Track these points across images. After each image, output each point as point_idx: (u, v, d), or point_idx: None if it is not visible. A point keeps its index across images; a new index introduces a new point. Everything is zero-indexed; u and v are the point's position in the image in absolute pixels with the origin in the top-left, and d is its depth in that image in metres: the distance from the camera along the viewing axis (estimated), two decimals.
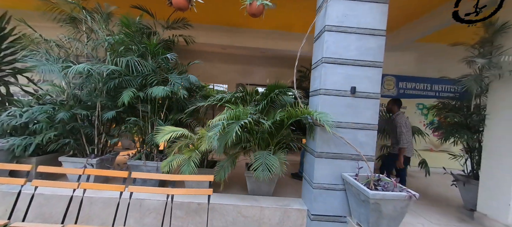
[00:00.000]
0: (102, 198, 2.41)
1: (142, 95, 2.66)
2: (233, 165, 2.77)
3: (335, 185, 2.39)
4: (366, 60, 2.36)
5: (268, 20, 4.52)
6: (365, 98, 2.36)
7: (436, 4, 3.61)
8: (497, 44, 2.64)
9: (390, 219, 1.95)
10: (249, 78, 7.75)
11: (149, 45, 2.68)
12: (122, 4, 3.47)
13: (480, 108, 3.02)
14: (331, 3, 2.33)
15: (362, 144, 2.37)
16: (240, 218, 2.50)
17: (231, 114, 2.30)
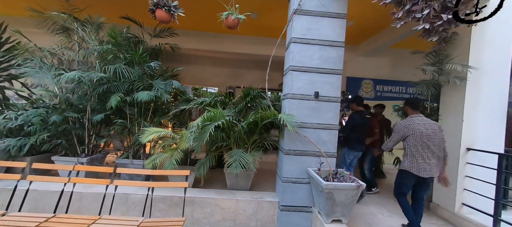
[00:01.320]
0: (91, 193, 2.67)
1: (129, 99, 2.92)
2: (213, 162, 3.05)
3: (301, 179, 2.69)
4: (328, 68, 2.67)
5: (252, 27, 4.84)
6: (327, 102, 2.67)
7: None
8: (446, 53, 2.99)
9: (343, 206, 2.25)
10: (239, 81, 8.02)
11: (135, 55, 2.95)
12: (112, 14, 3.74)
13: (436, 109, 3.36)
14: (296, 17, 2.64)
15: (325, 142, 2.68)
16: (218, 209, 2.78)
17: (207, 116, 2.58)
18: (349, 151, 3.26)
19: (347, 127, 3.28)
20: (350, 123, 3.25)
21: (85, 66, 3.07)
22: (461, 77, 2.77)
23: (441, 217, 2.98)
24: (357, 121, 3.20)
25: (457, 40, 2.90)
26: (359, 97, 3.47)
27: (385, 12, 3.46)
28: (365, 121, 3.27)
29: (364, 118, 3.25)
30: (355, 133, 3.21)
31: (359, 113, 3.28)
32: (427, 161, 2.30)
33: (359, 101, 3.40)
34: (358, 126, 3.20)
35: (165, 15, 2.74)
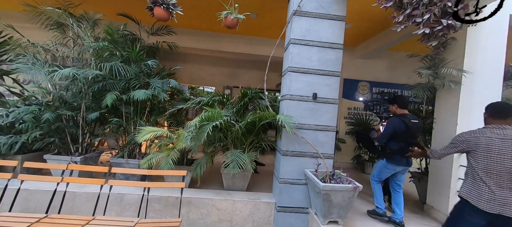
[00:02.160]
0: (85, 192, 2.61)
1: (125, 98, 2.87)
2: (210, 162, 3.03)
3: (298, 180, 2.69)
4: (326, 70, 2.68)
5: (251, 27, 4.82)
6: (325, 103, 2.68)
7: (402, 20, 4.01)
8: (442, 57, 3.04)
9: (340, 207, 2.26)
10: (236, 81, 7.99)
11: (132, 52, 2.90)
12: (108, 11, 3.67)
13: (432, 112, 3.41)
14: (296, 19, 2.64)
15: (322, 143, 2.69)
16: (214, 210, 2.76)
17: (205, 116, 2.56)
18: (388, 164, 2.63)
19: (384, 135, 2.63)
20: (389, 130, 2.60)
21: (80, 63, 3.00)
22: (456, 81, 2.82)
23: (434, 219, 3.03)
24: (398, 127, 2.55)
25: (452, 44, 2.95)
26: (401, 98, 2.75)
27: (384, 15, 3.49)
28: (412, 127, 2.52)
29: (410, 123, 2.53)
30: (397, 142, 2.57)
31: (403, 117, 2.57)
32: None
33: (401, 102, 2.70)
34: (401, 133, 2.53)
35: (163, 13, 2.71)
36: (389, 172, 2.70)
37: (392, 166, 2.63)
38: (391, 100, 2.81)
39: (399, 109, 2.70)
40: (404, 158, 2.58)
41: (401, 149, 2.56)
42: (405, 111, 2.68)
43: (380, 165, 2.76)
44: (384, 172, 2.73)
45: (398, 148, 2.58)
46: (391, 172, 2.69)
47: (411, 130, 2.52)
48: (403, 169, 2.65)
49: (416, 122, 2.59)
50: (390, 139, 2.61)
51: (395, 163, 2.60)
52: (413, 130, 2.54)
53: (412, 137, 2.59)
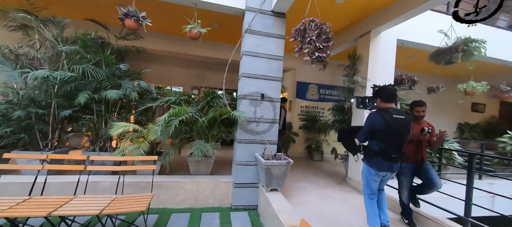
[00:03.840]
0: (62, 182, 2.90)
1: (97, 97, 3.21)
2: (177, 152, 3.57)
3: (250, 162, 3.43)
4: (271, 76, 3.47)
5: (215, 34, 5.41)
6: (270, 102, 3.48)
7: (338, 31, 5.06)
8: (356, 68, 4.14)
9: (278, 178, 3.06)
10: (204, 82, 8.45)
11: (104, 57, 3.26)
12: (74, 13, 3.88)
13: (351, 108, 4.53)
14: (247, 35, 3.38)
15: (269, 133, 3.48)
16: (181, 191, 3.31)
17: (173, 112, 3.11)
18: (369, 168, 2.25)
19: (362, 132, 2.27)
20: (365, 126, 2.23)
21: (51, 65, 3.21)
22: (362, 85, 3.92)
23: (351, 186, 4.11)
24: (375, 123, 2.14)
25: (361, 59, 4.07)
26: (385, 90, 2.27)
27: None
28: (393, 124, 2.08)
29: (391, 118, 2.09)
30: (377, 141, 2.17)
31: (383, 112, 2.15)
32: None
33: (384, 95, 2.24)
34: (380, 131, 2.12)
35: (133, 24, 3.15)
36: (374, 178, 2.24)
37: (373, 170, 2.20)
38: (374, 93, 2.36)
39: (383, 103, 2.26)
40: (386, 161, 2.12)
41: (382, 151, 2.12)
42: (389, 105, 2.22)
43: (363, 170, 2.37)
44: (369, 179, 2.27)
45: (377, 148, 2.15)
46: (375, 177, 2.23)
47: (392, 127, 2.06)
48: (386, 174, 2.22)
49: (400, 118, 2.10)
50: (370, 138, 2.24)
51: (376, 167, 2.17)
52: (395, 128, 2.07)
53: (396, 136, 2.10)
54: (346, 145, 2.68)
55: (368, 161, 2.28)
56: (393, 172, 2.22)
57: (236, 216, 3.17)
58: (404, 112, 2.19)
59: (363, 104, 2.57)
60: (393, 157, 2.12)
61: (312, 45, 1.97)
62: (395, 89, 2.30)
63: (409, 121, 2.16)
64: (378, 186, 2.33)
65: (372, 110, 2.35)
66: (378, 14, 3.78)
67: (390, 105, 2.22)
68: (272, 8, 3.39)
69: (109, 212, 2.09)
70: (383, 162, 2.15)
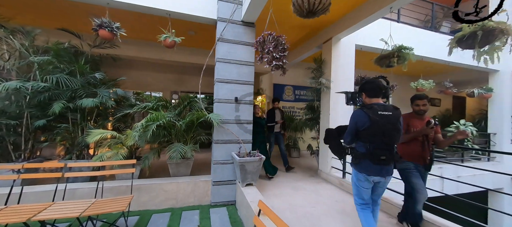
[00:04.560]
0: (39, 192, 2.92)
1: (72, 105, 3.27)
2: (156, 156, 3.72)
3: (227, 161, 3.69)
4: (243, 80, 3.77)
5: (192, 41, 5.60)
6: (243, 104, 3.77)
7: (306, 37, 5.51)
8: (321, 70, 4.60)
9: (252, 173, 3.36)
10: (183, 86, 8.52)
11: (78, 67, 3.32)
12: (48, 23, 3.86)
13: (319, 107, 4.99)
14: (219, 43, 3.65)
15: (243, 133, 3.77)
16: (162, 192, 3.47)
17: (150, 117, 3.27)
18: (358, 174, 1.99)
19: (347, 132, 2.03)
20: (350, 125, 2.00)
21: (21, 75, 3.20)
22: (327, 86, 4.37)
23: (322, 178, 4.54)
24: (359, 121, 1.92)
25: (325, 62, 4.53)
26: (370, 83, 2.02)
27: (290, 39, 4.91)
28: (379, 122, 1.85)
29: (376, 115, 1.86)
30: (363, 142, 1.95)
31: (368, 109, 1.90)
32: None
33: (370, 89, 2.00)
34: (365, 130, 1.89)
35: (108, 35, 3.26)
36: (364, 185, 1.97)
37: (362, 175, 1.95)
38: (359, 87, 2.11)
39: (368, 98, 2.01)
40: (375, 164, 1.87)
41: (369, 152, 1.87)
42: (375, 100, 1.97)
43: (352, 176, 2.11)
44: (359, 186, 2.01)
45: (364, 150, 1.92)
46: (365, 184, 1.96)
47: (377, 125, 1.83)
48: (379, 179, 1.92)
49: (386, 115, 1.85)
50: (357, 138, 1.99)
51: (364, 171, 1.92)
52: (381, 126, 1.83)
53: (382, 135, 1.85)
54: (332, 148, 2.31)
55: (356, 165, 2.00)
56: (384, 176, 1.91)
57: (215, 212, 3.40)
58: (391, 107, 1.90)
59: (353, 101, 2.27)
60: (383, 159, 1.84)
61: (270, 55, 2.30)
62: (382, 82, 2.03)
63: (398, 117, 1.89)
64: (369, 194, 2.01)
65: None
66: (337, 23, 4.26)
67: (376, 100, 1.96)
68: (242, 18, 3.70)
69: (89, 213, 2.23)
70: (372, 165, 1.88)
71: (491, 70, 6.54)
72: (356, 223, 2.69)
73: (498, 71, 6.50)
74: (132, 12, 3.64)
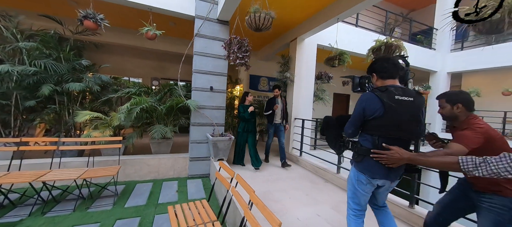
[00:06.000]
0: (36, 163, 3.32)
1: (59, 89, 3.62)
2: (139, 136, 4.23)
3: (203, 140, 4.33)
4: (218, 72, 4.35)
5: (173, 31, 5.94)
6: (218, 93, 4.38)
7: (277, 35, 6.14)
8: (288, 65, 5.33)
9: (223, 150, 4.05)
10: (164, 73, 8.76)
11: (64, 53, 3.64)
12: (30, 6, 4.02)
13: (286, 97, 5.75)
14: (197, 38, 4.16)
15: (217, 117, 4.40)
16: (145, 166, 4.03)
17: (134, 101, 3.75)
18: (359, 174, 1.56)
19: (350, 121, 1.58)
20: (355, 112, 1.53)
21: (8, 59, 3.44)
22: (291, 79, 5.13)
23: (290, 159, 5.39)
24: (370, 107, 1.45)
25: (291, 58, 5.26)
26: (381, 61, 1.56)
27: (265, 35, 5.52)
28: (398, 109, 1.41)
29: (393, 100, 1.40)
30: (371, 134, 1.49)
31: (382, 91, 1.44)
32: None
33: (384, 66, 1.53)
34: (376, 119, 1.44)
35: (92, 25, 3.60)
36: (365, 188, 1.56)
37: (364, 176, 1.53)
38: (369, 68, 1.65)
39: (380, 80, 1.55)
40: (384, 166, 1.45)
41: (376, 147, 1.46)
42: (391, 82, 1.51)
43: (350, 176, 1.67)
44: (357, 189, 1.58)
45: (371, 145, 1.49)
46: (366, 187, 1.55)
47: (393, 114, 1.40)
48: (383, 183, 1.52)
49: (406, 100, 1.42)
50: (362, 130, 1.56)
51: (367, 172, 1.51)
52: (398, 115, 1.41)
53: (399, 127, 1.42)
54: (328, 140, 1.84)
55: (357, 163, 1.56)
56: (392, 180, 1.51)
57: (191, 182, 4.07)
58: (412, 92, 1.45)
59: (361, 87, 1.74)
60: None
61: (235, 54, 2.92)
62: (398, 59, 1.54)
63: (421, 105, 1.45)
64: (368, 199, 1.61)
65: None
66: (301, 25, 4.96)
67: (391, 82, 1.49)
68: (217, 17, 4.22)
69: (85, 177, 2.77)
70: (378, 165, 1.45)
71: (432, 71, 7.82)
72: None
73: (436, 72, 7.80)
74: (115, 5, 3.96)
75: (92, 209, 2.84)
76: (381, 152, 1.41)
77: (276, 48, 6.46)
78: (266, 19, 2.47)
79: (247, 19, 2.56)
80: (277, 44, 6.29)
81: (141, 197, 3.31)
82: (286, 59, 5.29)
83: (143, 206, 3.03)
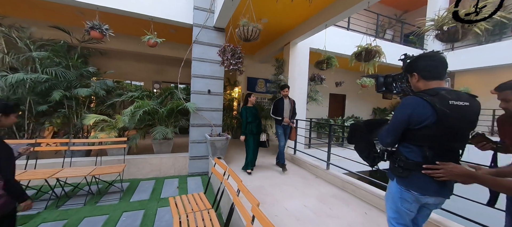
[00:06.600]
0: (48, 163, 3.62)
1: (68, 94, 3.93)
2: (142, 136, 4.52)
3: (202, 140, 4.62)
4: (215, 76, 4.65)
5: (173, 37, 6.25)
6: (215, 95, 4.67)
7: (271, 39, 6.44)
8: (281, 68, 5.61)
9: (220, 149, 4.33)
10: (164, 76, 9.06)
11: (72, 61, 3.96)
12: (40, 16, 4.34)
13: None
14: (195, 45, 4.45)
15: (215, 118, 4.69)
16: (147, 165, 4.33)
17: (137, 105, 4.05)
18: (403, 191, 1.33)
19: (389, 129, 1.37)
20: (396, 120, 1.32)
21: (22, 68, 3.76)
22: (285, 81, 5.41)
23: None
24: (417, 114, 1.24)
25: (285, 62, 5.54)
26: (429, 58, 1.31)
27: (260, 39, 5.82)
28: (454, 117, 1.19)
29: (447, 106, 1.19)
30: (418, 146, 1.28)
31: (430, 95, 1.23)
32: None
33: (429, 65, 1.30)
34: (424, 128, 1.23)
35: (98, 35, 3.92)
36: (412, 207, 1.34)
37: (411, 194, 1.31)
38: (408, 66, 1.40)
39: (423, 81, 1.32)
40: (437, 181, 1.24)
41: (427, 161, 1.24)
42: (437, 83, 1.29)
43: (392, 192, 1.42)
44: (402, 207, 1.36)
45: (420, 158, 1.27)
46: (412, 206, 1.34)
47: (448, 122, 1.19)
48: (434, 200, 1.31)
49: (461, 106, 1.20)
50: (403, 139, 1.34)
51: (417, 189, 1.29)
52: (454, 123, 1.19)
53: (454, 137, 1.22)
54: (359, 150, 1.62)
55: (402, 179, 1.34)
56: (445, 197, 1.31)
57: (191, 179, 4.36)
58: (466, 96, 1.24)
59: (387, 87, 1.60)
60: None
61: (228, 61, 3.21)
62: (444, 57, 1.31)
63: (478, 110, 1.25)
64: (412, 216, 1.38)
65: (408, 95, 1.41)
66: (293, 31, 5.24)
67: (437, 84, 1.29)
68: (214, 25, 4.52)
69: (94, 174, 3.06)
70: (430, 180, 1.25)
71: None
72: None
73: None
74: (119, 16, 4.27)
75: (100, 203, 3.13)
76: (436, 166, 1.20)
77: (271, 52, 6.75)
78: (253, 31, 2.76)
79: (237, 31, 2.85)
80: (272, 48, 6.57)
81: (145, 193, 3.59)
82: (280, 62, 5.58)
83: (147, 200, 3.32)
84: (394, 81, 1.61)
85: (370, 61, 3.28)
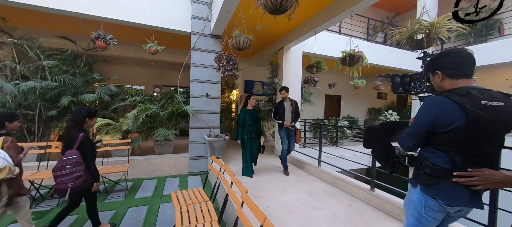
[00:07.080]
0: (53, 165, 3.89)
1: (75, 99, 4.20)
2: (145, 138, 4.79)
3: (201, 141, 4.88)
4: (212, 80, 4.93)
5: (173, 43, 6.53)
6: (213, 99, 4.95)
7: (266, 44, 6.73)
8: (276, 72, 5.89)
9: (218, 150, 4.59)
10: (165, 80, 9.36)
11: (79, 69, 4.24)
12: (47, 26, 4.63)
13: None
14: (193, 51, 4.74)
15: (213, 120, 4.96)
16: (150, 165, 4.59)
17: (140, 109, 4.33)
18: (428, 199, 1.21)
19: (411, 132, 1.26)
20: (419, 123, 1.21)
21: (32, 76, 4.04)
22: (279, 84, 5.69)
23: (276, 155, 5.92)
24: (444, 115, 1.11)
25: (280, 66, 5.82)
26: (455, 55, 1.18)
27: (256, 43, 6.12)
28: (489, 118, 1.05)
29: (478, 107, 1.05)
30: (445, 151, 1.15)
31: (458, 95, 1.10)
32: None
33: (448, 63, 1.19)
34: (456, 131, 1.09)
35: (103, 44, 4.20)
36: (436, 216, 1.23)
37: (437, 203, 1.19)
38: (429, 64, 1.30)
39: (448, 79, 1.20)
40: (466, 189, 1.12)
41: (457, 167, 1.12)
42: (464, 82, 1.17)
43: (413, 199, 1.30)
44: (426, 216, 1.24)
45: (448, 164, 1.15)
46: (437, 215, 1.22)
47: (481, 124, 1.06)
48: (460, 209, 1.21)
49: (495, 107, 1.07)
50: (427, 143, 1.23)
51: (444, 198, 1.17)
52: (490, 124, 1.07)
53: (487, 141, 1.10)
54: (376, 155, 1.49)
55: (427, 187, 1.21)
56: (478, 207, 1.17)
57: (191, 178, 4.62)
58: (499, 95, 1.11)
59: (404, 87, 1.55)
60: None
61: (224, 67, 3.49)
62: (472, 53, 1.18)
63: None
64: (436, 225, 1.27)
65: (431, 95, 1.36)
66: (286, 36, 5.53)
67: (464, 83, 1.16)
68: (211, 32, 4.81)
69: (101, 173, 3.32)
70: (460, 188, 1.12)
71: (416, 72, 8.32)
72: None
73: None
74: (122, 26, 4.56)
75: (107, 200, 3.39)
76: (470, 174, 1.07)
77: (267, 56, 7.03)
78: (245, 42, 3.04)
79: (230, 42, 3.13)
80: (267, 52, 6.86)
81: (148, 190, 3.85)
82: (275, 66, 5.86)
83: (150, 197, 3.58)
84: (412, 81, 1.53)
85: (354, 65, 3.56)
